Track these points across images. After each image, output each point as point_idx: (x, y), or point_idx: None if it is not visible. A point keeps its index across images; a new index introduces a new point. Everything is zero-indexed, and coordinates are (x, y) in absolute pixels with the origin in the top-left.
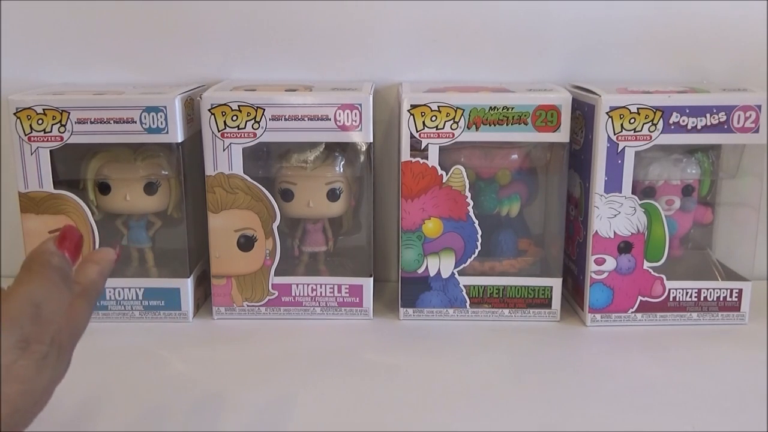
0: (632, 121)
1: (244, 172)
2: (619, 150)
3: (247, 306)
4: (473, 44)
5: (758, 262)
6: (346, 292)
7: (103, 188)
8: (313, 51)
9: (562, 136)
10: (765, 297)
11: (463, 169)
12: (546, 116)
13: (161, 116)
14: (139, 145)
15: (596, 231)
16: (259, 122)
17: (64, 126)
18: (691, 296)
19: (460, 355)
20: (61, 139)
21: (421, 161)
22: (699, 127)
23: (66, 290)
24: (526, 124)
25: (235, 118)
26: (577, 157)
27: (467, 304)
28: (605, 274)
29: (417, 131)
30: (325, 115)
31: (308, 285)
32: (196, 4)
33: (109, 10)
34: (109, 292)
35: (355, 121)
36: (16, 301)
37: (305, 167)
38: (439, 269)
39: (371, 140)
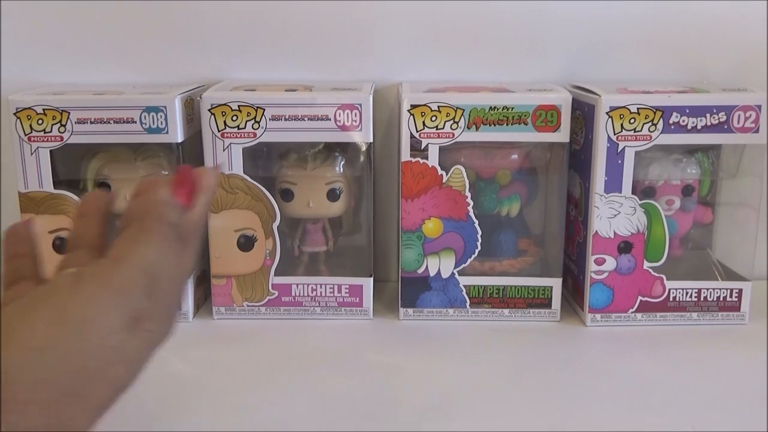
0: (632, 121)
1: (244, 172)
2: (619, 150)
3: (247, 306)
4: (473, 44)
5: (758, 262)
6: (346, 292)
7: (103, 188)
8: (313, 51)
9: (562, 136)
10: (765, 297)
11: (463, 169)
12: (546, 116)
13: (161, 116)
14: (139, 145)
15: (596, 231)
16: (259, 122)
17: (64, 126)
18: (691, 296)
19: (460, 355)
20: (61, 139)
21: (421, 161)
22: (699, 127)
23: (182, 252)
24: (526, 124)
25: (235, 118)
26: (577, 157)
27: (467, 304)
28: (605, 274)
29: (417, 131)
30: (325, 115)
31: (308, 285)
32: (196, 4)
33: (109, 10)
34: None
35: (355, 121)
36: (128, 269)
37: (305, 167)
38: (439, 269)
39: (371, 140)
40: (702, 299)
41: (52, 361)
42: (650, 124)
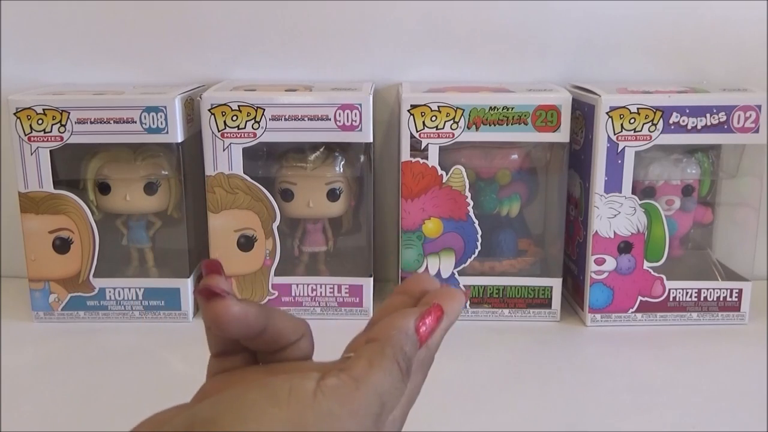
0: (632, 121)
1: (244, 172)
2: (619, 150)
3: None
4: (473, 44)
5: (758, 262)
6: (346, 292)
7: (103, 188)
8: (313, 51)
9: (562, 136)
10: (765, 297)
11: (463, 169)
12: (546, 116)
13: (161, 116)
14: (139, 145)
15: (596, 231)
16: (259, 122)
17: (64, 126)
18: (691, 296)
19: (460, 355)
20: (61, 139)
21: (421, 161)
22: (699, 127)
23: (404, 387)
24: (526, 124)
25: (235, 118)
26: (577, 157)
27: (467, 304)
28: (605, 274)
29: (417, 131)
30: (325, 115)
31: (308, 285)
32: (196, 4)
33: (109, 10)
34: (109, 292)
35: (355, 121)
36: (366, 394)
37: (305, 167)
38: (439, 269)
39: (371, 140)
40: (702, 299)
41: None
42: (650, 124)
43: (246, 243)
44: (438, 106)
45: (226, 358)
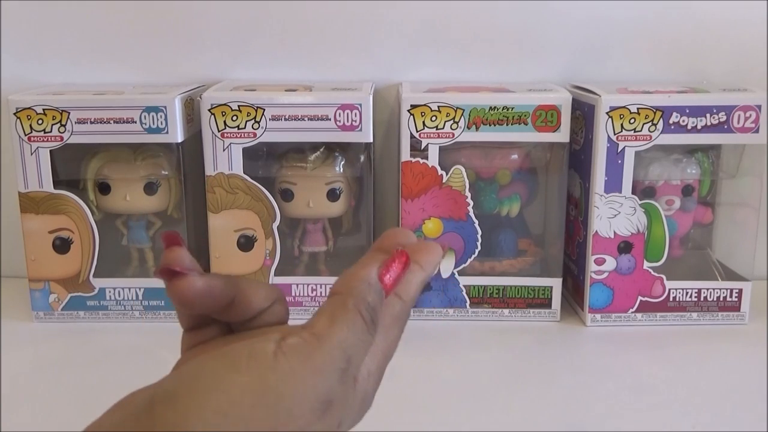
0: (632, 121)
1: (244, 172)
2: (619, 150)
3: None
4: (473, 44)
5: (758, 262)
6: None
7: (103, 188)
8: (313, 51)
9: (562, 136)
10: (765, 297)
11: (463, 169)
12: (546, 116)
13: (161, 116)
14: (139, 145)
15: (596, 231)
16: (259, 122)
17: (64, 126)
18: (691, 296)
19: (460, 355)
20: (61, 139)
21: (421, 161)
22: (699, 127)
23: (371, 338)
24: (526, 124)
25: (235, 118)
26: (577, 157)
27: (467, 304)
28: (605, 274)
29: (417, 131)
30: (325, 115)
31: (308, 285)
32: (196, 4)
33: (109, 10)
34: (109, 292)
35: (355, 121)
36: (329, 350)
37: (305, 167)
38: (439, 269)
39: (371, 140)
40: (702, 299)
41: (238, 430)
42: (650, 124)
43: (246, 243)
44: (438, 106)
45: (199, 331)
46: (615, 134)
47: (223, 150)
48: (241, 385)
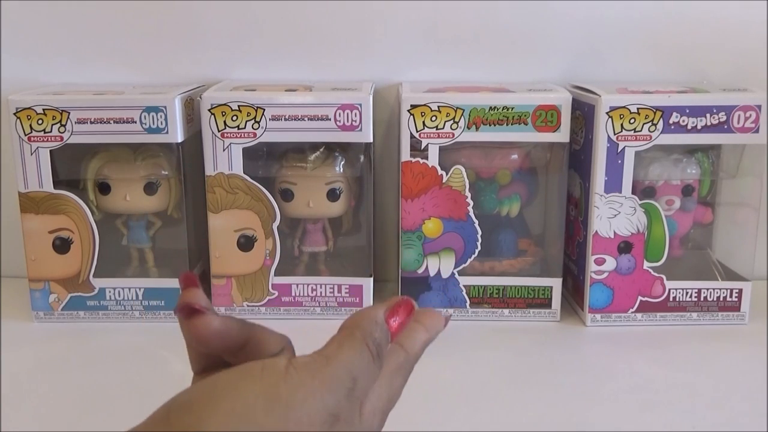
0: (632, 121)
1: (244, 172)
2: (619, 150)
3: (247, 306)
4: (473, 44)
5: (758, 262)
6: (346, 292)
7: (103, 188)
8: (313, 51)
9: (562, 136)
10: (765, 297)
11: (463, 169)
12: (546, 116)
13: (161, 116)
14: (139, 145)
15: (596, 231)
16: (259, 122)
17: (64, 126)
18: (691, 296)
19: (460, 355)
20: (61, 139)
21: (421, 161)
22: (699, 127)
23: (376, 370)
24: (526, 124)
25: (235, 118)
26: (577, 157)
27: (467, 304)
28: (605, 274)
29: (417, 131)
30: (325, 115)
31: (308, 285)
32: (196, 4)
33: (109, 10)
34: (109, 292)
35: (355, 121)
36: (336, 367)
37: (305, 167)
38: (439, 269)
39: (371, 140)
40: (702, 299)
41: None
42: (650, 124)
43: (246, 243)
44: (438, 106)
45: (208, 374)
46: (615, 134)
47: (223, 150)
48: (254, 392)
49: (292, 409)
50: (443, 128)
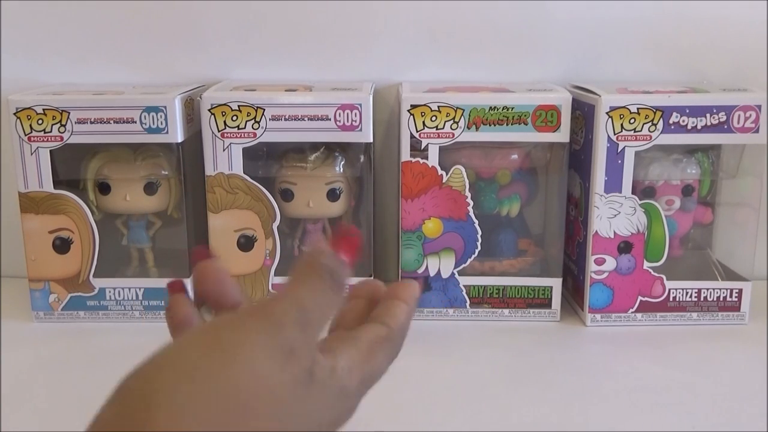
0: (632, 121)
1: (244, 172)
2: (619, 150)
3: None
4: (473, 44)
5: (758, 262)
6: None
7: (103, 188)
8: (313, 51)
9: (562, 136)
10: (765, 297)
11: (463, 169)
12: (546, 116)
13: (161, 116)
14: (139, 145)
15: (596, 231)
16: (259, 122)
17: (64, 126)
18: (691, 296)
19: (460, 355)
20: (61, 139)
21: (421, 161)
22: (699, 127)
23: (337, 293)
24: (526, 124)
25: (235, 118)
26: (577, 157)
27: (467, 304)
28: (605, 274)
29: (417, 131)
30: (325, 115)
31: None
32: (196, 4)
33: (109, 10)
34: (109, 292)
35: (355, 121)
36: (281, 303)
37: (305, 167)
38: (439, 269)
39: (371, 140)
40: (702, 299)
41: (201, 388)
42: (650, 124)
43: (246, 243)
44: (438, 106)
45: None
46: (615, 134)
47: (223, 150)
48: (195, 345)
49: (232, 351)
50: (443, 128)
